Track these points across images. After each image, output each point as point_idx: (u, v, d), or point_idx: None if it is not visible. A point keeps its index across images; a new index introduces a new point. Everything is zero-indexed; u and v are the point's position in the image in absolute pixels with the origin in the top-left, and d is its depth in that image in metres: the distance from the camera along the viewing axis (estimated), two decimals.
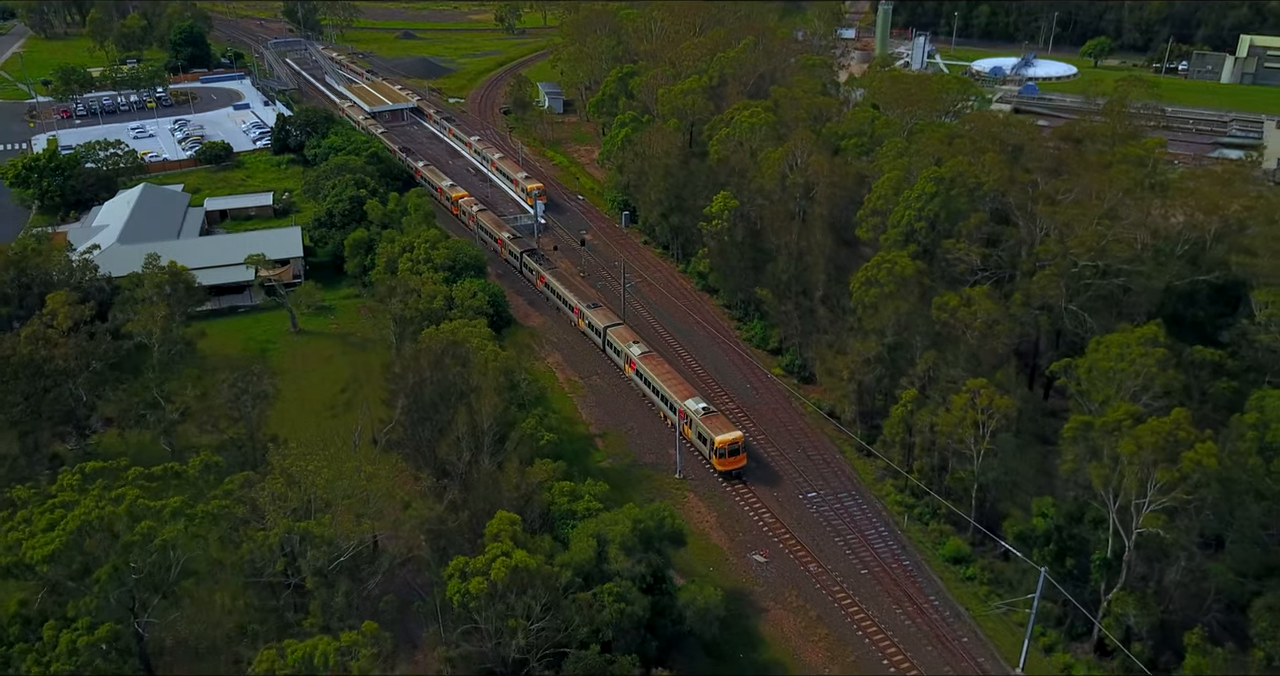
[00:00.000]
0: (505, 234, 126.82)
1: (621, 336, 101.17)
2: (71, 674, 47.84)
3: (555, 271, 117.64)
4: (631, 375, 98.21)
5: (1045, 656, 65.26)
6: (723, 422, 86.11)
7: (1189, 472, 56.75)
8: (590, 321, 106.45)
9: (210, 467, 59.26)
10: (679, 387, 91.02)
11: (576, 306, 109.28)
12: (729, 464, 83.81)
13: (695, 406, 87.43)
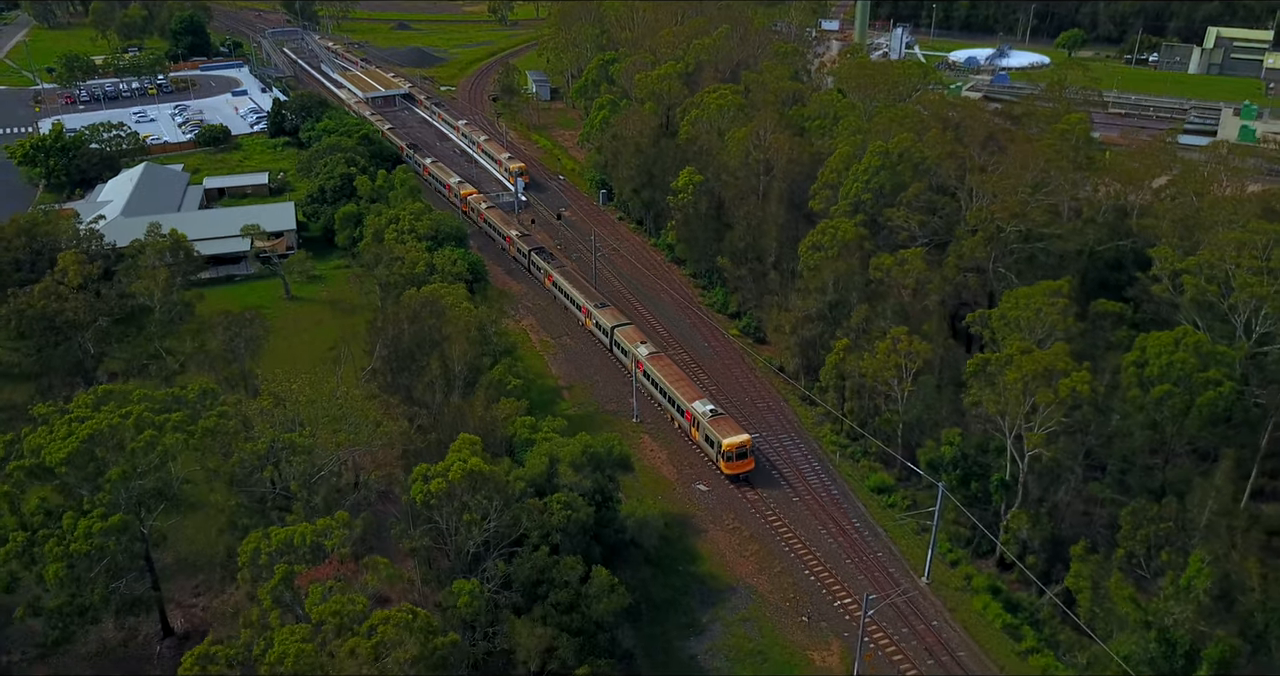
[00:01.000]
0: (514, 231, 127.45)
1: (629, 336, 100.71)
2: (86, 554, 56.31)
3: (563, 270, 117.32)
4: (639, 375, 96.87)
5: (952, 568, 73.64)
6: (731, 425, 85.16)
7: (1064, 397, 65.18)
8: (598, 321, 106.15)
9: (207, 393, 67.75)
10: (687, 389, 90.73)
11: (584, 306, 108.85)
12: (737, 467, 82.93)
13: (703, 408, 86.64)
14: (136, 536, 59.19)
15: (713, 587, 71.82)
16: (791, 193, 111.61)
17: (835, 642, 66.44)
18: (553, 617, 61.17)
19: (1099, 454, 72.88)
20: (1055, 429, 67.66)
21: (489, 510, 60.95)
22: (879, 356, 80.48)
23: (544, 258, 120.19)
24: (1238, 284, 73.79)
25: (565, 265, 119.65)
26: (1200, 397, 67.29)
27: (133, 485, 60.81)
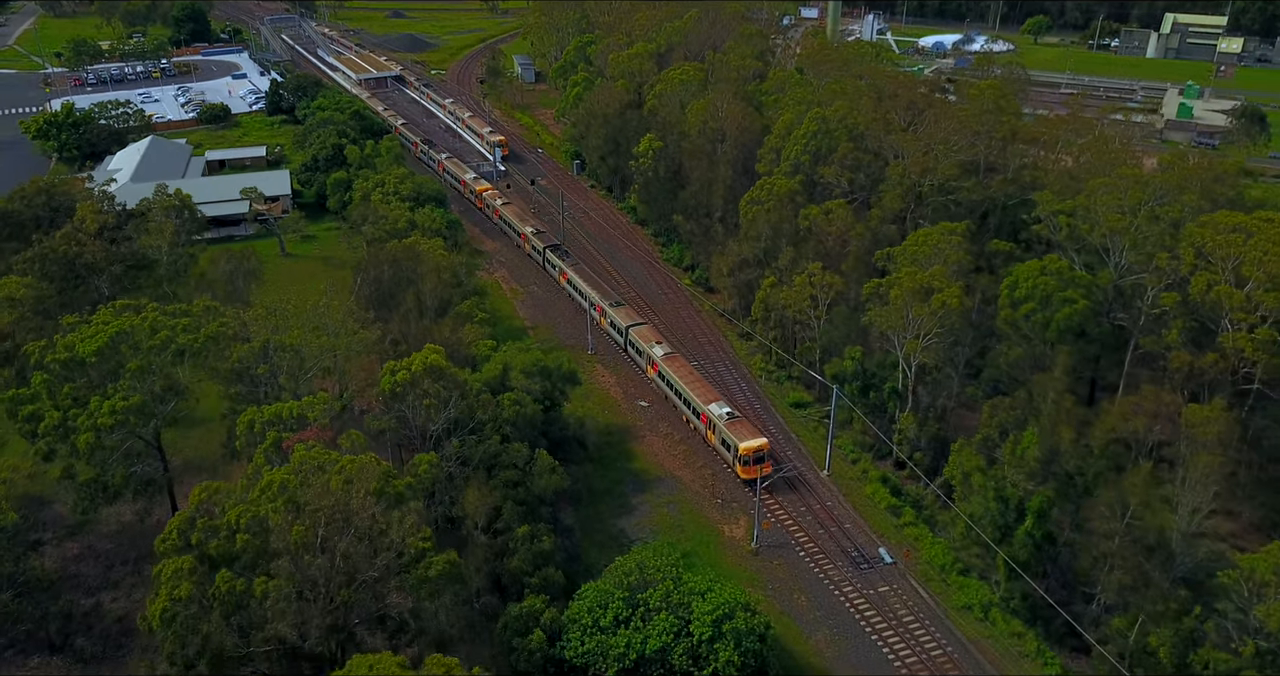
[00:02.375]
0: (529, 228, 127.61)
1: (644, 336, 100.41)
2: (111, 428, 69.01)
3: (578, 267, 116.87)
4: (653, 376, 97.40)
5: (852, 465, 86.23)
6: (748, 428, 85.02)
7: (936, 309, 77.67)
8: (612, 319, 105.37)
9: (210, 309, 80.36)
10: (703, 391, 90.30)
11: (599, 304, 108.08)
12: (754, 471, 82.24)
13: (719, 411, 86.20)
14: (151, 415, 71.68)
15: (644, 479, 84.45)
16: (743, 158, 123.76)
17: (743, 519, 79.04)
18: (500, 491, 73.73)
19: (978, 364, 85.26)
20: (934, 340, 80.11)
21: (447, 399, 73.46)
22: (797, 288, 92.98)
23: (559, 255, 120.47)
24: (1102, 221, 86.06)
25: (580, 264, 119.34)
26: (1058, 313, 79.60)
27: (149, 380, 73.46)
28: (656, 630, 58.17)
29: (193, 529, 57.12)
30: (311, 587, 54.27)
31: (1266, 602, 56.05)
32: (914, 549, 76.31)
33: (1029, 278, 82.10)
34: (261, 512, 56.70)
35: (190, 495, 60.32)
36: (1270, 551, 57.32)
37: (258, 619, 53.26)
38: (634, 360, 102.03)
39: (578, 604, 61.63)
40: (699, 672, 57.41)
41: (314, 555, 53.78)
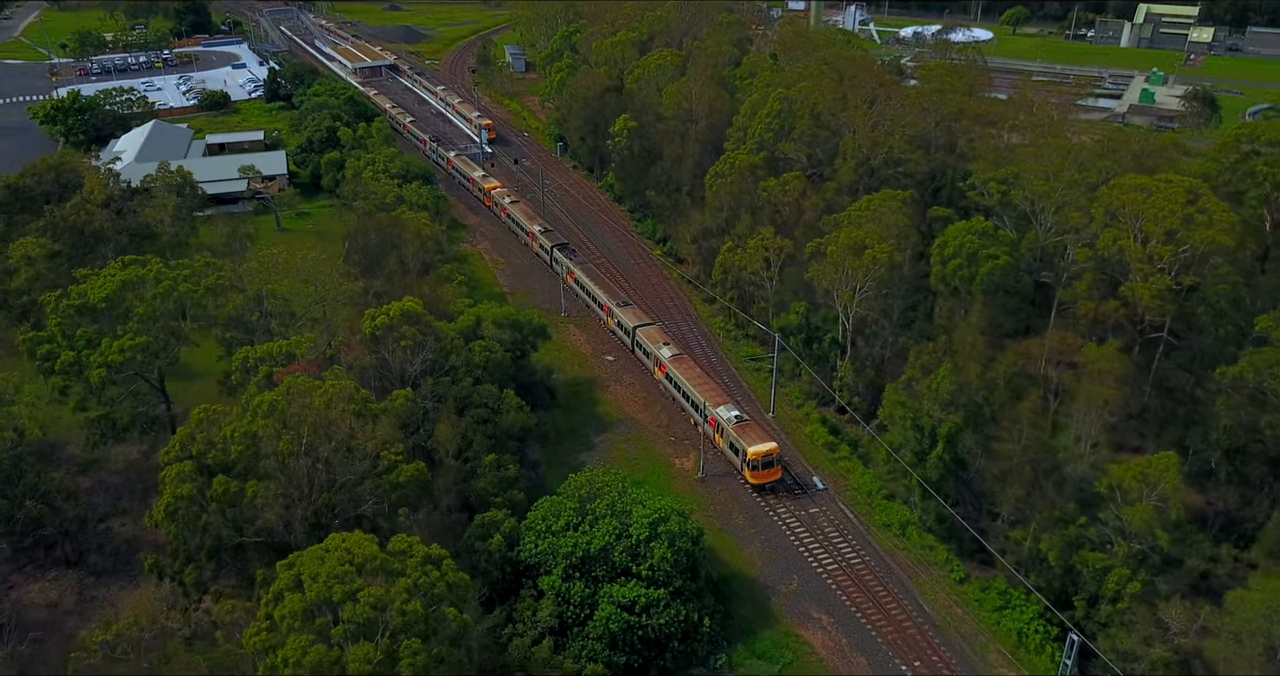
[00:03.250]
0: (537, 227, 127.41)
1: (651, 337, 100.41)
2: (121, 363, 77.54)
3: (585, 267, 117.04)
4: (660, 378, 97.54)
5: (796, 409, 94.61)
6: (757, 432, 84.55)
7: (867, 262, 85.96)
8: (620, 320, 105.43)
9: (209, 264, 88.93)
10: (711, 393, 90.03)
11: (606, 304, 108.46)
12: (763, 476, 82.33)
13: (728, 414, 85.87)
14: (156, 355, 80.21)
15: (606, 421, 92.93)
16: (713, 137, 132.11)
17: (693, 454, 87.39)
18: (471, 426, 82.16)
19: (913, 317, 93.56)
20: (868, 293, 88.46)
21: (423, 343, 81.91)
22: (751, 250, 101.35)
23: (566, 254, 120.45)
24: (1028, 187, 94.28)
25: (588, 263, 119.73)
26: (982, 268, 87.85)
27: (154, 325, 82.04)
28: (600, 532, 66.58)
29: (193, 442, 65.60)
30: (296, 489, 62.70)
31: (1131, 506, 64.31)
32: (845, 478, 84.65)
33: (957, 237, 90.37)
34: (253, 428, 65.17)
35: (190, 416, 68.72)
36: (1136, 464, 65.59)
37: (249, 514, 61.75)
38: (641, 361, 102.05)
39: (534, 513, 70.09)
40: (636, 568, 65.72)
41: (298, 458, 62.17)
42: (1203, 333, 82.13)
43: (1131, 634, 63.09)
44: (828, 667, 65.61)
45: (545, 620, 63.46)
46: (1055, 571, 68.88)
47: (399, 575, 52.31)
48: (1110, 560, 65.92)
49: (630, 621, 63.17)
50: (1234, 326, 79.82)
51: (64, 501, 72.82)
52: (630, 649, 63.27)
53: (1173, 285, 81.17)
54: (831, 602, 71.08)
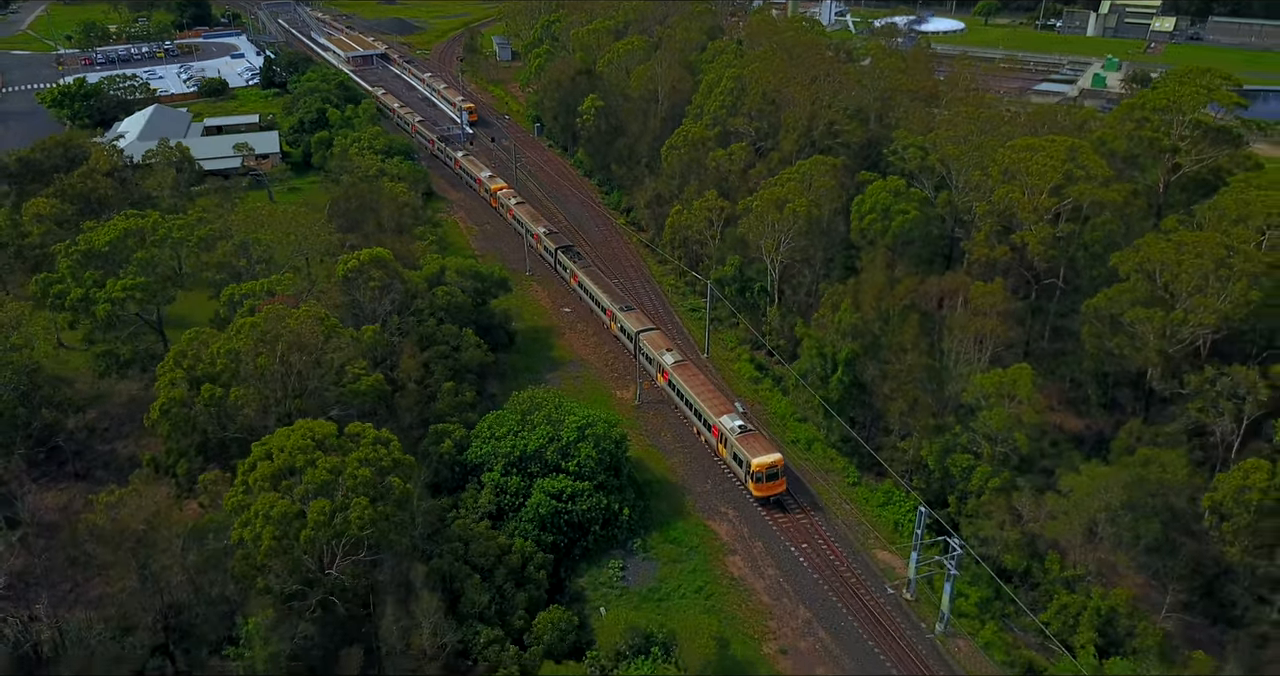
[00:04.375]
0: (541, 229, 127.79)
1: (654, 342, 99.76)
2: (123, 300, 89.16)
3: (589, 270, 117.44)
4: (663, 385, 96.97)
5: (730, 351, 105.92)
6: (761, 443, 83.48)
7: (787, 214, 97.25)
8: (622, 324, 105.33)
9: (202, 219, 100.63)
10: (715, 402, 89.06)
11: (609, 308, 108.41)
12: (767, 489, 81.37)
13: (731, 423, 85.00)
14: (154, 294, 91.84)
15: (559, 362, 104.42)
16: (675, 115, 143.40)
17: (632, 386, 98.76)
18: (433, 359, 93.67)
19: (833, 266, 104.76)
20: (790, 242, 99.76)
21: (390, 285, 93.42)
22: (695, 211, 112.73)
23: (570, 256, 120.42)
24: (941, 150, 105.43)
25: (591, 266, 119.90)
26: (894, 222, 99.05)
27: (153, 268, 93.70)
28: (535, 436, 77.99)
29: (184, 358, 77.12)
30: (271, 393, 74.17)
31: (990, 409, 75.49)
32: (764, 404, 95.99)
33: (873, 195, 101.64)
34: (236, 346, 76.70)
35: (182, 337, 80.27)
36: (994, 374, 76.68)
37: (231, 413, 73.22)
38: (644, 367, 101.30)
39: (480, 424, 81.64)
40: (565, 464, 77.05)
41: (274, 369, 73.64)
42: (1080, 275, 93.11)
43: (989, 521, 74.17)
44: (729, 549, 76.86)
45: (485, 505, 74.88)
46: (934, 474, 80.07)
47: (353, 450, 63.76)
48: (977, 462, 77.04)
49: (558, 507, 74.51)
50: (1106, 269, 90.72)
51: (74, 413, 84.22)
52: (557, 530, 74.55)
53: (1054, 233, 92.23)
54: (738, 501, 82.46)
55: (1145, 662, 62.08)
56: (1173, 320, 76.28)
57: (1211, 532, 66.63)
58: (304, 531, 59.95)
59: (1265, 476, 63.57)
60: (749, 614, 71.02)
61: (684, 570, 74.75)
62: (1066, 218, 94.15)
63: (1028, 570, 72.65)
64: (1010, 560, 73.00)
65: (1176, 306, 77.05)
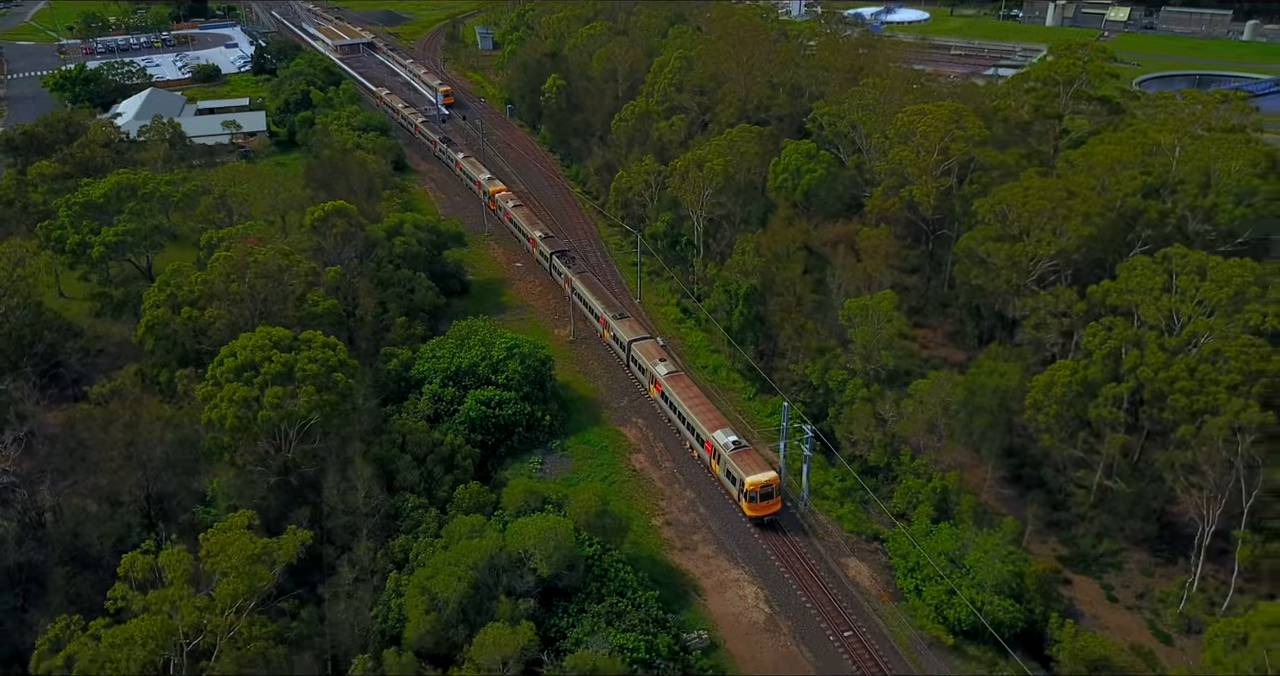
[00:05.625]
0: (538, 233, 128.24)
1: (647, 352, 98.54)
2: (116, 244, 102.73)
3: (584, 275, 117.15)
4: (655, 397, 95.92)
5: (662, 299, 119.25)
6: (755, 460, 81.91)
7: (707, 173, 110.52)
8: (615, 333, 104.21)
9: (186, 178, 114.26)
10: (708, 416, 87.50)
11: (602, 316, 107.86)
12: (761, 509, 79.57)
13: (725, 439, 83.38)
14: (145, 238, 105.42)
15: (507, 306, 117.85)
16: (632, 93, 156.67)
17: (568, 325, 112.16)
18: (390, 298, 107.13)
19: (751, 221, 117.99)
20: (710, 197, 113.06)
21: (352, 233, 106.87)
22: (633, 173, 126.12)
23: (565, 261, 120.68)
24: (850, 117, 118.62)
25: (586, 271, 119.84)
26: (803, 180, 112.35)
27: (143, 219, 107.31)
28: (469, 355, 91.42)
29: (167, 287, 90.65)
30: (240, 315, 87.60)
31: (856, 328, 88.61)
32: (683, 339, 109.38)
33: (787, 157, 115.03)
34: (211, 277, 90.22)
35: (166, 269, 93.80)
36: (862, 299, 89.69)
37: (206, 329, 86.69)
38: (636, 378, 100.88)
39: (424, 348, 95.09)
40: (495, 378, 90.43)
41: (241, 290, 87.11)
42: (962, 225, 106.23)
43: (857, 424, 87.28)
44: (635, 449, 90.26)
45: (424, 409, 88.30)
46: (818, 390, 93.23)
47: (304, 351, 77.19)
48: (851, 377, 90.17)
49: (486, 413, 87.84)
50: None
51: (73, 338, 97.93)
52: (485, 431, 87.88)
53: (941, 188, 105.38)
54: (647, 412, 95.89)
55: (964, 526, 75.08)
56: (1018, 252, 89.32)
57: (1030, 424, 79.68)
58: (261, 412, 73.38)
59: (1067, 375, 76.66)
60: (645, 496, 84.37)
61: (594, 464, 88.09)
62: (956, 175, 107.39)
63: (888, 464, 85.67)
64: (874, 456, 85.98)
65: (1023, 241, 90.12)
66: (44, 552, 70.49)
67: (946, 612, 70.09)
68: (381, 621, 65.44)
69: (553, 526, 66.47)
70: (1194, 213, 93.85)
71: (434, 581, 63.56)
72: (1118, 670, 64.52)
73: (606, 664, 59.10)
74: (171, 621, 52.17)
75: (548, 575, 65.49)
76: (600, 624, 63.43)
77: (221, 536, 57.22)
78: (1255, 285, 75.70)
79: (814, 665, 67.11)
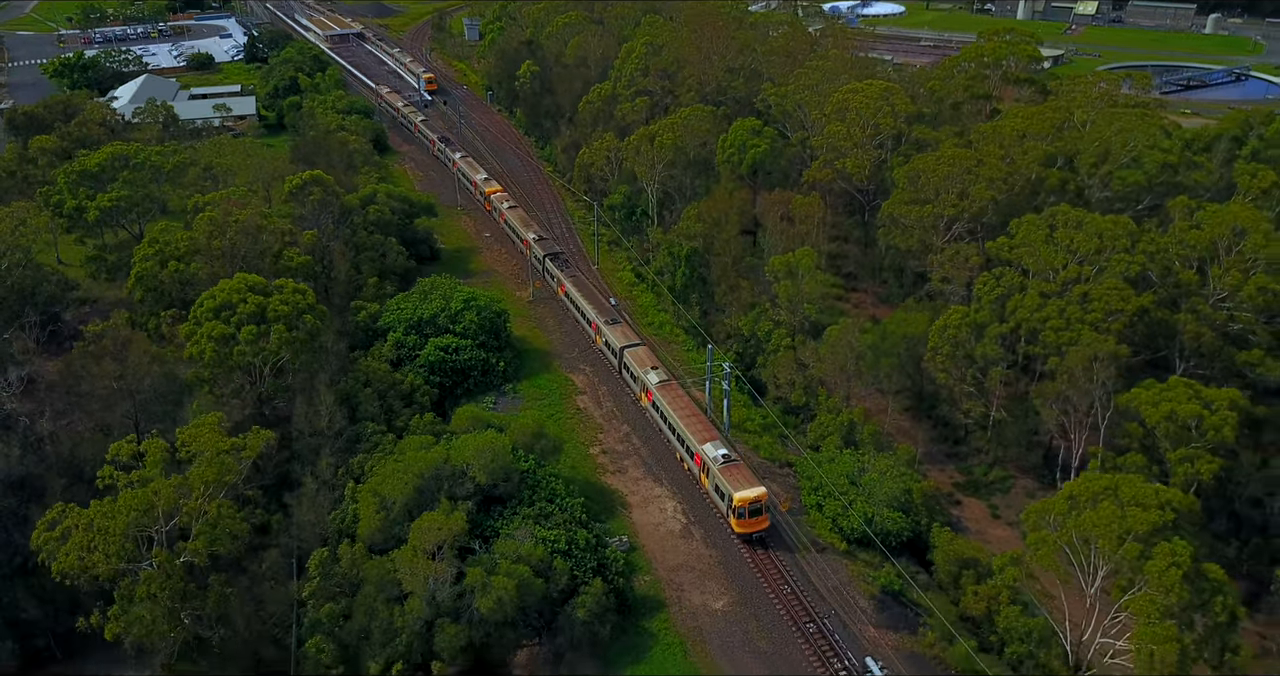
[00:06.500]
0: (531, 235, 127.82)
1: (639, 359, 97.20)
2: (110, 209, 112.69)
3: (577, 279, 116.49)
4: (646, 406, 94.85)
5: (617, 264, 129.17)
6: (744, 475, 79.83)
7: (658, 147, 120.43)
8: (607, 339, 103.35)
9: (176, 150, 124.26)
10: (699, 428, 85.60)
11: (594, 321, 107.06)
12: (750, 525, 77.84)
13: (714, 453, 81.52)
14: (136, 204, 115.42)
15: (474, 271, 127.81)
16: (603, 78, 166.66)
17: (528, 287, 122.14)
18: (365, 262, 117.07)
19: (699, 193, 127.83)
20: (662, 172, 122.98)
21: (329, 201, 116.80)
22: (595, 150, 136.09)
23: (558, 265, 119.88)
24: (793, 97, 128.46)
25: (579, 275, 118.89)
26: (748, 154, 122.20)
27: (136, 188, 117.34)
28: (430, 305, 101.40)
29: (155, 244, 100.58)
30: (221, 268, 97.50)
31: (781, 283, 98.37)
32: (635, 300, 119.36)
33: (734, 133, 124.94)
34: (195, 234, 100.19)
35: (154, 227, 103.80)
36: (785, 256, 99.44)
37: (190, 279, 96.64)
38: (628, 385, 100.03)
39: (390, 302, 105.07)
40: (453, 327, 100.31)
41: (222, 245, 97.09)
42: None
43: (781, 369, 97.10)
44: (580, 392, 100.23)
45: (388, 354, 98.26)
46: (749, 341, 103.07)
47: (276, 295, 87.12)
48: (777, 328, 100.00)
49: (444, 357, 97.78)
50: None
51: (71, 291, 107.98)
52: (444, 374, 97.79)
53: (872, 160, 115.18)
54: (595, 361, 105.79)
55: (865, 452, 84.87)
56: (926, 213, 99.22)
57: (927, 364, 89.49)
58: (236, 347, 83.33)
59: (958, 319, 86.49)
60: (585, 430, 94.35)
61: (542, 404, 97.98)
62: (888, 149, 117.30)
63: (807, 404, 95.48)
64: (795, 397, 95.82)
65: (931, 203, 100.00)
66: (43, 468, 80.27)
67: (841, 523, 79.84)
68: (339, 522, 75.34)
69: (491, 441, 76.34)
70: (1096, 180, 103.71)
71: (384, 486, 73.40)
72: (981, 567, 74.23)
73: (529, 550, 68.97)
74: (151, 496, 62.02)
75: (485, 483, 75.29)
76: (529, 523, 73.22)
77: (195, 430, 67.22)
78: (1125, 238, 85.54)
79: (719, 562, 76.92)
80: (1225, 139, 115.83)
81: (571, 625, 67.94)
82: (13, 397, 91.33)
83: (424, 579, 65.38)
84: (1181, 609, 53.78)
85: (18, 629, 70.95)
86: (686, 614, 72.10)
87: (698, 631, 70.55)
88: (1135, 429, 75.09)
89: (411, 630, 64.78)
